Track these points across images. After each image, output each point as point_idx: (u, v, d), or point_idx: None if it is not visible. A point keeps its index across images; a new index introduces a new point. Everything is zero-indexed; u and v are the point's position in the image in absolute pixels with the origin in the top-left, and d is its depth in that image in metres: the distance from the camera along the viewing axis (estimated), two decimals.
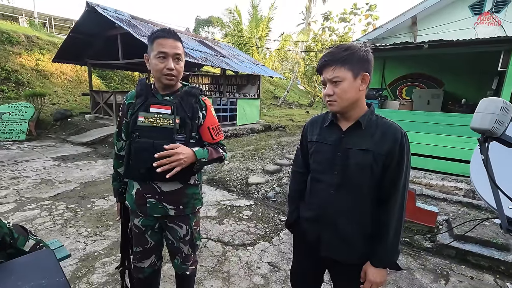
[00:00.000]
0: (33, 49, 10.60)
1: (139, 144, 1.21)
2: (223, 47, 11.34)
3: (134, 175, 1.28)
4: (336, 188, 1.08)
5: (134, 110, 1.25)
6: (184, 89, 1.31)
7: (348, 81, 0.99)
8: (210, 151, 1.29)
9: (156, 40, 1.18)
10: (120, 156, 1.37)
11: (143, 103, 1.25)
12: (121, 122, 1.33)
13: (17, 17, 17.07)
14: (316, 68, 1.09)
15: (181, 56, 1.24)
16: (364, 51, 1.01)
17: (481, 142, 1.11)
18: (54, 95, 9.75)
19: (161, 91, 1.28)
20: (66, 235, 2.64)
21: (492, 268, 2.31)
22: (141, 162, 1.21)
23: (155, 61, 1.19)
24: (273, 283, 2.09)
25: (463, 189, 3.83)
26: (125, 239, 1.52)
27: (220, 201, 3.66)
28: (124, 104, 1.32)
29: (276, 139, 7.83)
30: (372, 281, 1.05)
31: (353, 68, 0.99)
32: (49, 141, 7.02)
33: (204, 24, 25.86)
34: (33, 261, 0.94)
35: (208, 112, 1.32)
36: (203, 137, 1.33)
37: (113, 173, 1.44)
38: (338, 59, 0.99)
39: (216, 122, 1.37)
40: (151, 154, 1.17)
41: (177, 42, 1.21)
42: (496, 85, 5.10)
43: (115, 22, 6.44)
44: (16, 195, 3.53)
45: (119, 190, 1.45)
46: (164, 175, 1.16)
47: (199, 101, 1.31)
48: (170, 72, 1.19)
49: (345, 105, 1.03)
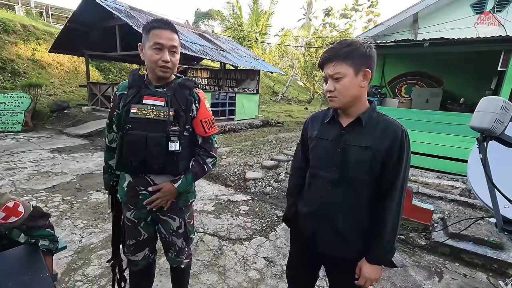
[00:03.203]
0: (29, 39, 10.43)
1: (131, 137, 1.19)
2: (223, 41, 11.24)
3: (126, 168, 1.26)
4: (335, 184, 1.08)
5: (126, 101, 1.22)
6: (178, 81, 1.29)
7: (349, 77, 0.98)
8: (195, 173, 1.30)
9: (153, 30, 1.15)
10: (111, 148, 1.35)
11: (136, 94, 1.22)
12: (112, 114, 1.30)
13: (13, 6, 16.73)
14: (318, 63, 1.07)
15: (177, 49, 1.21)
16: (367, 47, 1.00)
17: (480, 141, 1.11)
18: (51, 86, 9.63)
19: (154, 83, 1.25)
20: (61, 227, 2.63)
21: (485, 266, 2.34)
22: (133, 155, 1.19)
23: (150, 52, 1.16)
24: (269, 278, 2.10)
25: (459, 188, 3.86)
26: (117, 232, 1.51)
27: (217, 195, 3.66)
28: (115, 95, 1.29)
29: (274, 134, 7.82)
30: (366, 277, 1.05)
31: (355, 64, 0.97)
32: (46, 133, 6.96)
33: (204, 17, 25.58)
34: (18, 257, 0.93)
35: (201, 105, 1.30)
36: (196, 130, 1.31)
37: (104, 165, 1.41)
38: (339, 54, 0.98)
39: (210, 115, 1.34)
40: (144, 146, 1.17)
41: (173, 34, 1.18)
42: (495, 85, 5.10)
43: (113, 12, 6.34)
44: (12, 186, 3.50)
45: (110, 182, 1.42)
46: (156, 168, 1.21)
47: (193, 93, 1.28)
48: (166, 64, 1.17)
49: (345, 101, 1.02)
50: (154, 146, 1.18)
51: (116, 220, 1.49)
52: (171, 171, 1.25)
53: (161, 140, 1.18)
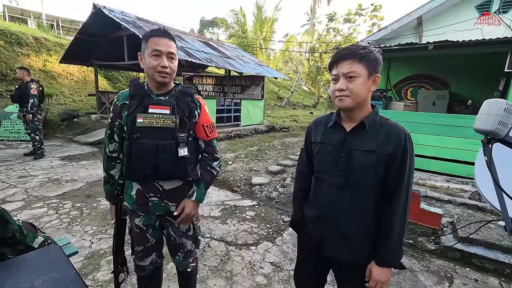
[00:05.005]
0: (41, 50, 10.76)
1: (141, 145, 1.21)
2: (228, 48, 11.38)
3: (137, 176, 1.28)
4: (340, 188, 1.09)
5: (131, 111, 1.23)
6: (178, 88, 1.32)
7: (363, 78, 1.00)
8: (206, 182, 1.36)
9: (151, 38, 1.20)
10: (112, 158, 1.35)
11: (140, 103, 1.23)
12: (113, 124, 1.30)
13: (26, 19, 17.35)
14: (330, 61, 1.07)
15: (175, 56, 1.25)
16: (379, 53, 1.03)
17: (484, 144, 1.11)
18: (61, 96, 9.88)
19: (155, 91, 1.27)
20: (72, 233, 2.68)
21: (497, 271, 2.28)
22: (145, 162, 1.22)
23: (149, 59, 1.20)
24: (276, 283, 2.10)
25: (468, 191, 3.79)
26: (119, 241, 1.50)
27: (224, 201, 3.68)
28: (116, 105, 1.30)
29: (279, 140, 7.83)
30: (377, 280, 1.06)
31: (369, 67, 1.00)
32: (56, 141, 7.13)
33: (208, 25, 25.98)
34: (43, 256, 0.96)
35: (202, 110, 1.34)
36: (198, 134, 1.34)
37: (105, 175, 1.38)
38: (356, 54, 0.99)
39: (210, 120, 1.38)
40: (155, 154, 1.21)
41: (171, 42, 1.23)
42: (503, 86, 5.03)
43: (121, 23, 6.52)
44: (24, 194, 3.59)
45: (113, 192, 1.41)
46: (168, 174, 1.26)
47: (195, 100, 1.32)
48: (164, 70, 1.20)
49: (356, 101, 1.02)
50: (164, 153, 1.22)
51: (118, 229, 1.48)
52: (180, 176, 1.29)
53: (171, 147, 1.22)
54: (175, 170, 1.26)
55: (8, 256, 1.01)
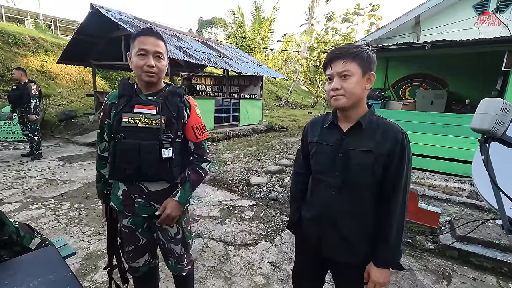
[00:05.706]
0: (38, 51, 10.72)
1: (124, 145, 1.20)
2: (226, 48, 11.38)
3: (120, 176, 1.26)
4: (338, 188, 1.09)
5: (118, 111, 1.22)
6: (168, 88, 1.30)
7: (357, 77, 1.00)
8: (192, 181, 1.30)
9: (137, 38, 1.18)
10: (103, 157, 1.35)
11: (127, 103, 1.22)
12: (103, 123, 1.30)
13: (23, 19, 17.28)
14: (324, 62, 1.08)
15: (163, 55, 1.22)
16: (372, 51, 1.03)
17: (481, 143, 1.11)
18: (58, 96, 9.85)
19: (144, 91, 1.26)
20: (70, 234, 2.67)
21: (495, 270, 2.30)
22: (127, 163, 1.21)
23: (136, 58, 1.18)
24: (274, 283, 2.10)
25: (466, 190, 3.80)
26: (112, 239, 1.51)
27: (222, 201, 3.67)
28: (106, 104, 1.29)
29: (278, 139, 7.84)
30: (375, 281, 1.05)
31: (363, 66, 1.00)
32: (54, 142, 7.11)
33: (207, 25, 25.96)
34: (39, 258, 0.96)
35: (192, 111, 1.31)
36: (187, 136, 1.31)
37: (97, 174, 1.40)
38: (349, 53, 1.00)
39: (201, 121, 1.35)
40: (137, 154, 1.19)
41: (158, 41, 1.20)
42: (501, 85, 5.05)
43: (119, 23, 6.50)
44: (22, 195, 3.57)
45: (104, 191, 1.42)
46: (151, 175, 1.24)
47: (184, 100, 1.29)
48: (150, 69, 1.17)
49: (351, 100, 1.02)
50: (147, 154, 1.19)
51: (110, 228, 1.49)
52: (165, 178, 1.27)
53: (153, 147, 1.20)
54: (159, 172, 1.23)
55: (5, 258, 1.01)
